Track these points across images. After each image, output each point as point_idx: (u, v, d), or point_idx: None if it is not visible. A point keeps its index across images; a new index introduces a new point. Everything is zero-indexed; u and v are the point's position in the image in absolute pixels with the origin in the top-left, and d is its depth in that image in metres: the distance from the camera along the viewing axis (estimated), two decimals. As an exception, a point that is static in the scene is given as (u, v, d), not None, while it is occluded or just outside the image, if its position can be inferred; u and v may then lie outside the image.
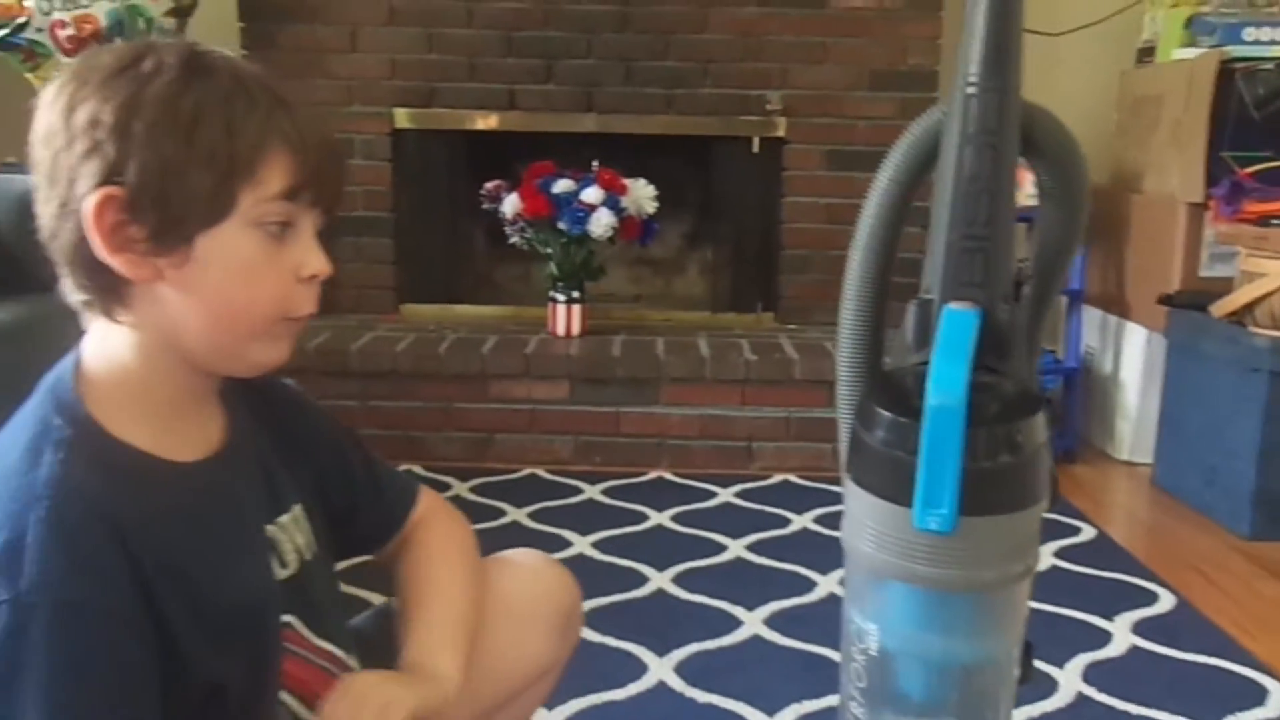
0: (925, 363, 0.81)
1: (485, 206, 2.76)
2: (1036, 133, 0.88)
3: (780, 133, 2.92)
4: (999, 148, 0.86)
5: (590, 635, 1.69)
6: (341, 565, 0.93)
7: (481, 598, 0.92)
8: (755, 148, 2.94)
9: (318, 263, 0.76)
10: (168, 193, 0.69)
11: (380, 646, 0.92)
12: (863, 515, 0.84)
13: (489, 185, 2.75)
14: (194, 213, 0.70)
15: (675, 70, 2.89)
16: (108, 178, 0.68)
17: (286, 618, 0.80)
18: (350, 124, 2.89)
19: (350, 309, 2.96)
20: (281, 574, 0.81)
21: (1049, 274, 0.91)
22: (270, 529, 0.81)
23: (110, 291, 0.71)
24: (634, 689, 1.53)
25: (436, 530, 0.95)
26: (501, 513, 2.24)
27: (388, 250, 2.99)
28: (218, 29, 2.73)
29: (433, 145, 2.98)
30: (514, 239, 2.75)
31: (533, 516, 2.23)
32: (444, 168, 3.02)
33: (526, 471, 2.52)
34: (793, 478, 2.51)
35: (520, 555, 1.04)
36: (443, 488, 2.39)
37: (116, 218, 0.69)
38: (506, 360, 2.57)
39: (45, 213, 0.71)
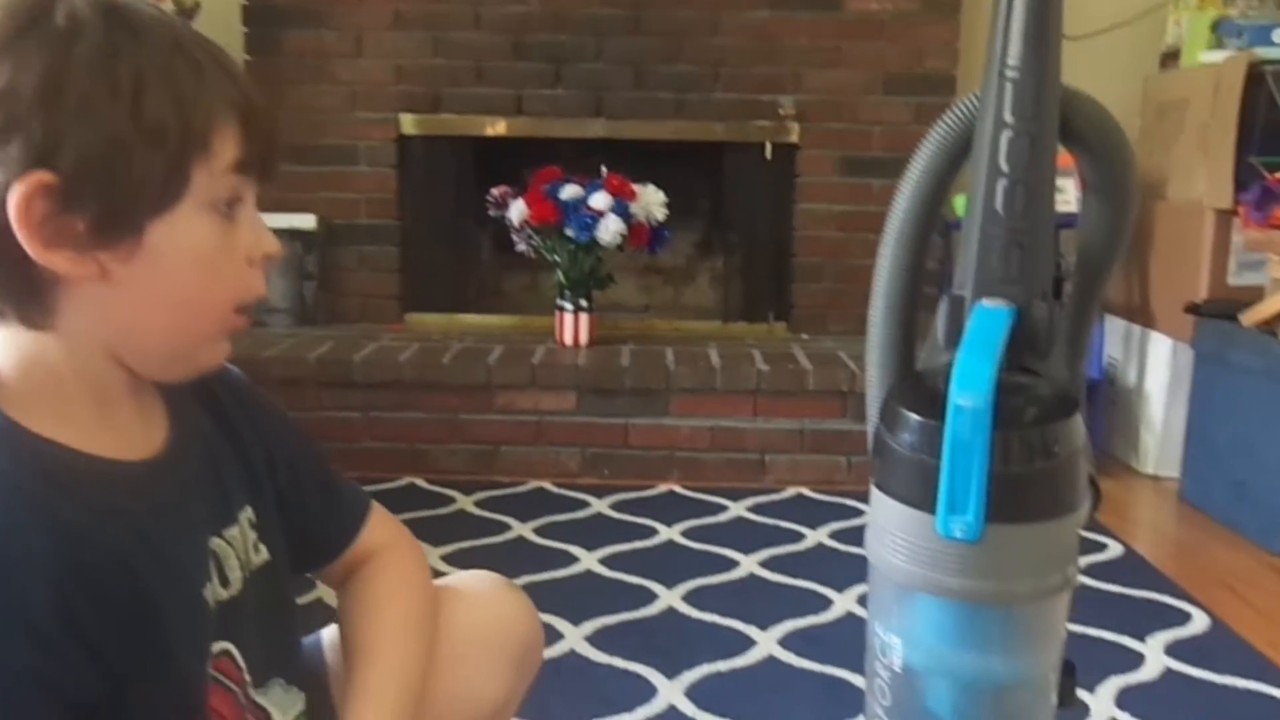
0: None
1: (492, 213, 2.70)
2: (1078, 120, 0.82)
3: (793, 138, 2.85)
4: (1036, 135, 0.79)
5: (597, 656, 1.63)
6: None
7: (430, 652, 0.83)
8: (768, 154, 2.87)
9: (270, 242, 0.69)
10: (114, 175, 0.60)
11: (320, 681, 0.84)
12: (886, 522, 0.79)
13: (495, 191, 2.69)
14: (145, 197, 0.61)
15: (686, 74, 2.83)
16: (36, 162, 0.58)
17: (224, 645, 0.71)
18: (355, 130, 2.85)
19: (354, 319, 2.91)
20: (223, 594, 0.71)
21: (1093, 271, 0.84)
22: (216, 542, 0.71)
23: (35, 295, 0.62)
24: (643, 713, 1.46)
25: (389, 567, 0.85)
26: (507, 527, 2.18)
27: (393, 258, 2.93)
28: (221, 33, 2.66)
29: (439, 151, 2.92)
30: (521, 246, 2.69)
31: (538, 531, 2.16)
32: (450, 174, 2.97)
33: (533, 485, 2.45)
34: (806, 491, 2.44)
35: (475, 581, 0.95)
36: (447, 501, 2.32)
37: (49, 208, 0.59)
38: (512, 370, 2.50)
39: None
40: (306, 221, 2.82)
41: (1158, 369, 2.61)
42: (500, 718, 0.94)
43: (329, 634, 0.90)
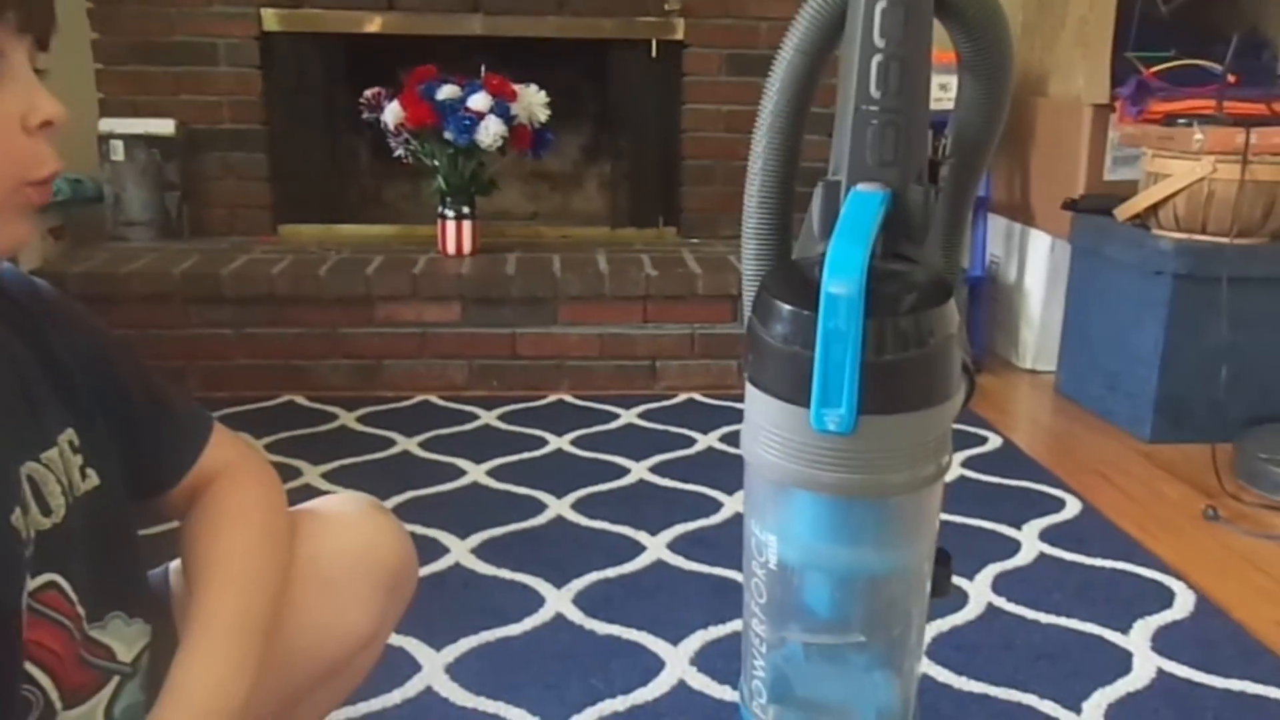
0: (831, 252, 0.71)
1: (365, 116, 2.56)
2: (953, -8, 0.78)
3: (679, 35, 2.77)
4: (911, 5, 0.75)
5: (484, 568, 1.60)
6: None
7: (282, 577, 0.78)
8: (653, 52, 2.79)
9: (49, 105, 0.61)
10: None
11: (167, 613, 0.79)
12: (760, 418, 0.76)
13: (368, 93, 2.55)
14: None
15: (566, -33, 2.71)
16: None
17: (50, 577, 0.65)
18: (213, 26, 2.65)
19: (222, 231, 2.76)
20: (43, 523, 0.65)
21: (970, 153, 0.82)
22: (31, 466, 0.65)
23: None
24: (530, 623, 1.44)
25: (233, 489, 0.79)
26: (391, 442, 2.11)
27: (261, 166, 2.77)
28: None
29: (306, 50, 2.75)
30: (398, 151, 2.57)
31: (424, 445, 2.10)
32: (320, 75, 2.80)
33: (418, 399, 2.38)
34: (697, 396, 2.43)
35: (342, 504, 0.89)
36: (328, 418, 2.24)
37: None
38: (393, 282, 2.41)
39: None
40: (164, 127, 2.64)
41: (1037, 266, 2.66)
42: (372, 647, 0.90)
43: (175, 565, 0.84)
